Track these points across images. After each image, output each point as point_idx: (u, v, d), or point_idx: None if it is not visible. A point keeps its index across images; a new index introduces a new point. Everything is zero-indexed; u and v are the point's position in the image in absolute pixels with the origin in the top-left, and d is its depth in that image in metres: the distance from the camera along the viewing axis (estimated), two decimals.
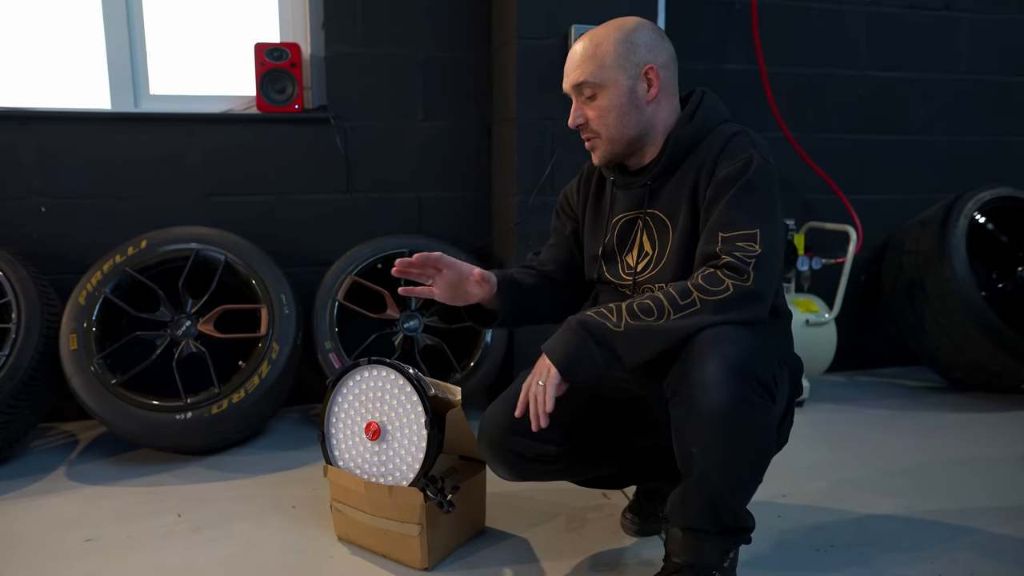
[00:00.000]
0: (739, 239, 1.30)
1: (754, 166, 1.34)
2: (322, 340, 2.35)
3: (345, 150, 2.61)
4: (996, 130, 3.20)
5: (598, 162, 1.47)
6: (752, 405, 1.23)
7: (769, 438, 1.31)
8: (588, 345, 1.27)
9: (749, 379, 1.22)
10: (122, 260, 2.24)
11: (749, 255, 1.28)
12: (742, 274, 1.27)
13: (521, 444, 1.48)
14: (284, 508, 1.86)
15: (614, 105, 1.39)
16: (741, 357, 1.21)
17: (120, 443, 2.27)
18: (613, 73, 1.38)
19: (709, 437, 1.23)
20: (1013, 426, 2.50)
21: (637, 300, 1.29)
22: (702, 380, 1.21)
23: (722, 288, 1.26)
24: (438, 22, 2.62)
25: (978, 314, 2.64)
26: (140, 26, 2.55)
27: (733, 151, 1.36)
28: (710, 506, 1.31)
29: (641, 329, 1.25)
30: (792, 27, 2.93)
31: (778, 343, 1.43)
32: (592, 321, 1.28)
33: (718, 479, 1.28)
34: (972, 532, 1.75)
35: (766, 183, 1.35)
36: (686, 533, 1.35)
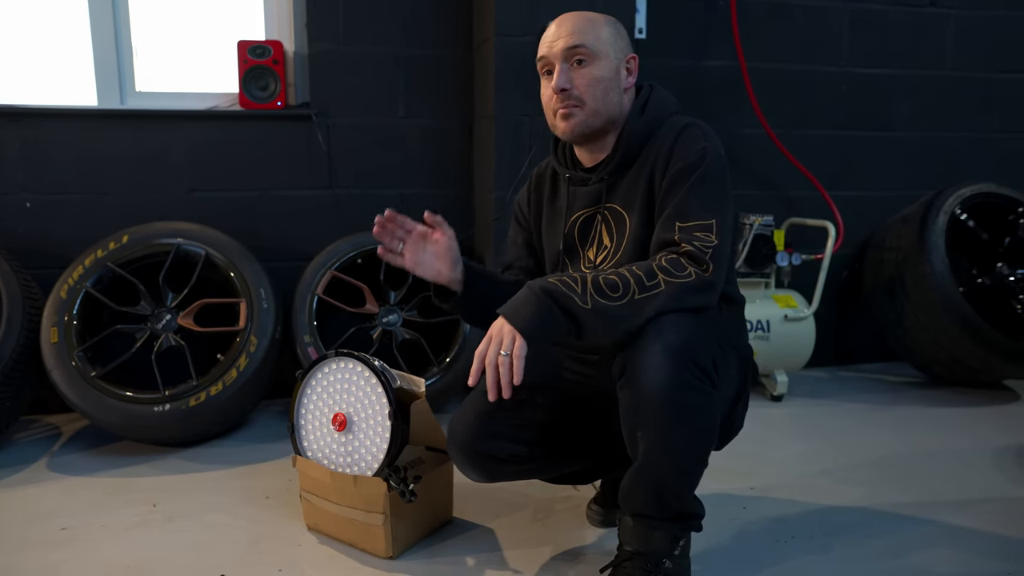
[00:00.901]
0: (696, 229, 1.32)
1: (709, 158, 1.36)
2: (301, 334, 2.38)
3: (327, 146, 2.63)
4: (980, 127, 3.20)
5: (569, 131, 1.43)
6: (690, 388, 1.25)
7: (709, 420, 1.33)
8: (554, 312, 1.26)
9: (687, 362, 1.24)
10: (104, 255, 2.28)
11: (707, 245, 1.31)
12: (701, 264, 1.30)
13: (492, 447, 1.49)
14: (258, 499, 1.90)
15: (604, 77, 1.41)
16: (681, 341, 1.24)
17: (102, 435, 2.31)
18: (607, 47, 1.41)
19: (650, 419, 1.26)
20: (990, 420, 2.51)
21: (603, 275, 1.28)
22: (643, 362, 1.24)
23: (685, 274, 1.28)
24: (420, 20, 2.64)
25: (956, 310, 2.65)
26: (126, 24, 2.58)
27: (687, 142, 1.39)
28: (655, 490, 1.33)
29: (606, 311, 1.25)
30: (775, 24, 2.94)
31: (724, 329, 1.46)
32: (557, 290, 1.27)
33: (660, 461, 1.30)
34: (933, 523, 1.77)
35: (720, 175, 1.38)
36: (636, 520, 1.38)
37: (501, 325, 1.28)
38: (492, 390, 1.27)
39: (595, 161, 1.50)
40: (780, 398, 2.70)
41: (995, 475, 2.05)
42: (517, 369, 1.24)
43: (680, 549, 1.40)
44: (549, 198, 1.59)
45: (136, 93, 2.62)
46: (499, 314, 1.30)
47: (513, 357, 1.24)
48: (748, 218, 2.71)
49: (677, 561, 1.39)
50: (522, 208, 1.65)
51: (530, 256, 1.66)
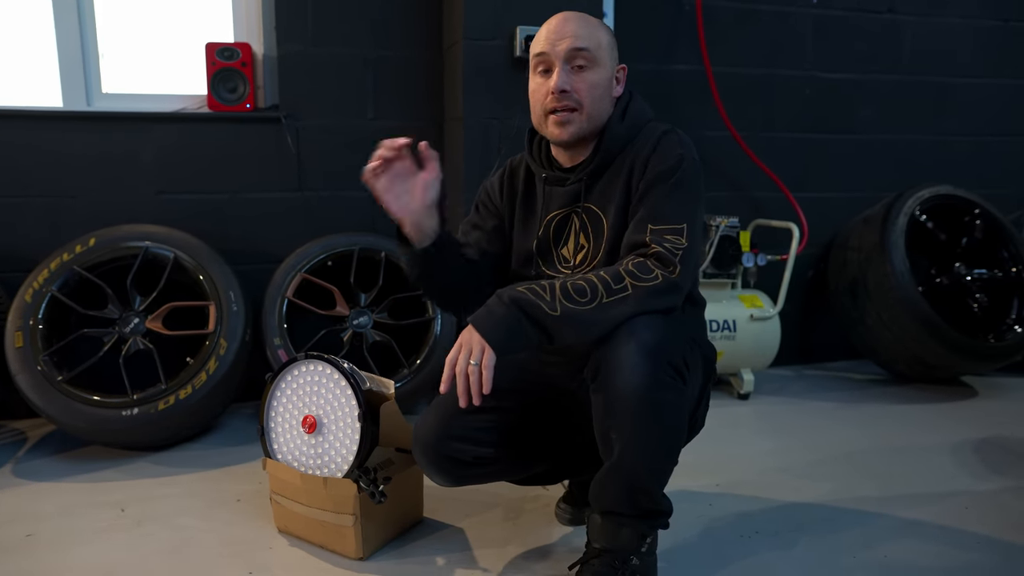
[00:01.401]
0: (667, 232, 1.36)
1: (684, 165, 1.40)
2: (271, 337, 2.38)
3: (296, 148, 2.63)
4: (937, 130, 3.29)
5: (568, 136, 1.44)
6: (664, 386, 1.28)
7: (681, 419, 1.36)
8: (522, 323, 1.28)
9: (662, 362, 1.28)
10: (70, 258, 2.25)
11: (677, 248, 1.34)
12: (668, 266, 1.33)
13: (458, 449, 1.49)
14: (228, 502, 1.89)
15: (602, 83, 1.43)
16: (654, 341, 1.27)
17: (69, 440, 2.29)
18: (606, 55, 1.44)
19: (625, 418, 1.28)
20: (950, 415, 2.59)
21: (571, 280, 1.31)
22: (618, 363, 1.27)
23: (651, 276, 1.31)
24: (389, 22, 2.65)
25: (916, 309, 2.72)
26: (92, 25, 2.55)
27: (665, 149, 1.42)
28: (627, 488, 1.36)
29: (576, 316, 1.28)
30: (741, 28, 2.99)
31: (690, 329, 1.50)
32: (525, 299, 1.28)
33: (634, 459, 1.32)
34: (896, 517, 1.82)
35: (694, 181, 1.42)
36: (605, 518, 1.40)
37: (471, 334, 1.29)
38: (462, 398, 1.29)
39: (573, 162, 1.51)
40: (747, 396, 2.75)
41: (955, 469, 2.11)
42: (486, 379, 1.26)
43: (647, 546, 1.42)
44: (523, 194, 1.59)
45: (102, 95, 2.60)
46: (469, 323, 1.32)
47: (482, 367, 1.26)
48: (714, 219, 2.75)
49: (644, 558, 1.42)
50: (492, 196, 1.63)
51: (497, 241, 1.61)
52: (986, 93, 3.32)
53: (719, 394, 2.79)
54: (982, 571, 1.57)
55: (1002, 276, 2.95)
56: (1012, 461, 2.17)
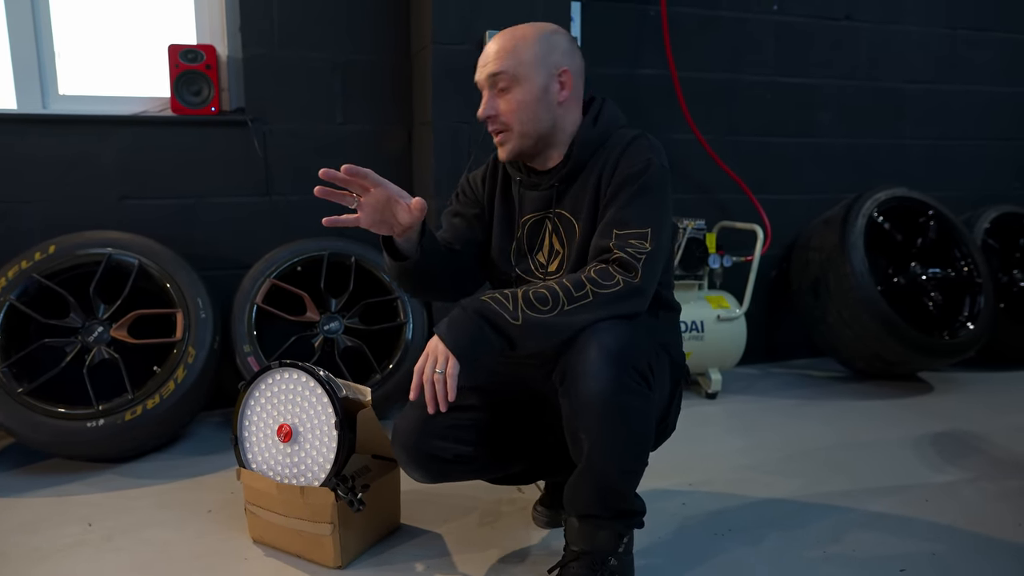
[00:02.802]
0: (632, 237, 1.38)
1: (652, 170, 1.42)
2: (240, 344, 2.34)
3: (264, 153, 2.60)
4: (893, 134, 3.39)
5: (505, 157, 1.49)
6: (629, 391, 1.31)
7: (648, 423, 1.39)
8: (485, 331, 1.31)
9: (626, 367, 1.30)
10: (29, 266, 2.19)
11: (640, 252, 1.36)
12: (630, 270, 1.35)
13: (438, 447, 1.50)
14: (200, 513, 1.86)
15: (527, 100, 1.43)
16: (619, 346, 1.30)
17: (30, 453, 2.22)
18: (530, 69, 1.43)
19: (592, 422, 1.31)
20: (909, 410, 2.68)
21: (533, 289, 1.34)
22: (583, 368, 1.29)
23: (612, 283, 1.33)
24: (356, 26, 2.64)
25: (875, 308, 2.81)
26: (47, 25, 2.48)
27: (633, 154, 1.44)
28: (599, 491, 1.38)
29: (537, 323, 1.31)
30: (705, 34, 3.05)
31: (659, 334, 1.51)
32: (488, 308, 1.31)
33: (604, 463, 1.35)
34: (861, 510, 1.88)
35: (661, 186, 1.43)
36: (581, 521, 1.42)
37: (436, 344, 1.34)
38: (430, 405, 1.35)
39: (544, 167, 1.53)
40: (715, 395, 2.80)
41: (916, 462, 2.19)
42: (451, 387, 1.32)
43: (624, 546, 1.45)
44: (502, 193, 1.61)
45: (59, 97, 2.53)
46: (434, 332, 1.35)
47: (447, 376, 1.31)
48: (682, 222, 2.80)
49: (622, 558, 1.45)
50: (475, 187, 1.64)
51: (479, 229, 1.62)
52: (939, 99, 3.44)
53: (688, 394, 2.84)
54: (944, 560, 1.62)
55: (955, 275, 3.05)
56: (967, 454, 2.25)
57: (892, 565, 1.60)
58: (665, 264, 1.51)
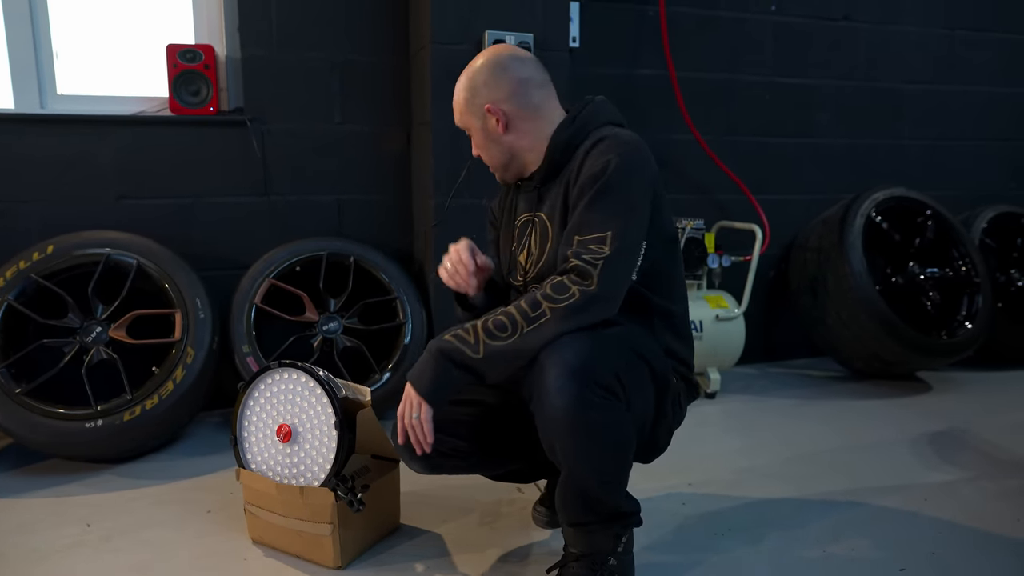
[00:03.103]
0: (591, 242, 1.35)
1: (611, 168, 1.37)
2: (239, 344, 2.34)
3: (262, 153, 2.59)
4: (891, 134, 3.40)
5: (503, 181, 1.61)
6: (592, 406, 1.28)
7: (619, 435, 1.35)
8: (450, 371, 1.33)
9: (587, 382, 1.27)
10: (27, 266, 2.18)
11: (597, 257, 1.33)
12: (586, 278, 1.32)
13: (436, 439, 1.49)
14: (199, 513, 1.86)
15: (480, 142, 1.54)
16: (579, 361, 1.27)
17: (28, 454, 2.21)
18: (469, 119, 1.52)
19: (561, 439, 1.31)
20: (907, 410, 2.68)
21: (492, 317, 1.34)
22: (545, 386, 1.28)
23: (568, 295, 1.31)
24: (355, 26, 2.63)
25: (874, 308, 2.81)
26: (45, 24, 2.48)
27: (595, 156, 1.41)
28: (584, 501, 1.38)
29: (497, 353, 1.31)
30: (703, 34, 3.05)
31: (641, 345, 1.44)
32: (450, 347, 1.33)
33: (581, 475, 1.35)
34: (860, 510, 1.88)
35: (623, 184, 1.38)
36: (574, 528, 1.43)
37: (409, 390, 1.38)
38: (417, 448, 1.41)
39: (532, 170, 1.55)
40: (713, 395, 2.80)
41: (915, 462, 2.19)
42: (427, 431, 1.37)
43: (623, 546, 1.45)
44: (508, 201, 1.65)
45: (57, 96, 2.52)
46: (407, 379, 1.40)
47: (422, 420, 1.37)
48: (681, 222, 2.80)
49: (621, 557, 1.44)
50: (494, 209, 1.71)
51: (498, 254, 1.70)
52: (937, 99, 3.45)
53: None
54: (944, 559, 1.63)
55: (953, 275, 3.06)
56: (966, 453, 2.26)
57: (892, 564, 1.61)
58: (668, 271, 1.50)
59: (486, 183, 2.48)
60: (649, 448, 1.53)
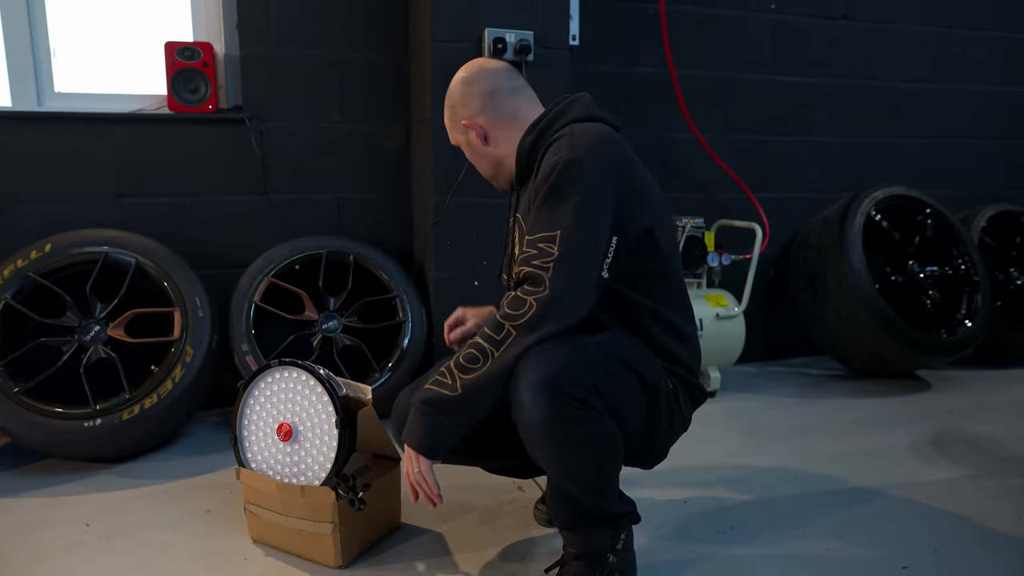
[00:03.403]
0: (540, 241, 1.32)
1: (560, 166, 1.33)
2: (239, 343, 2.33)
3: (261, 151, 2.58)
4: (890, 132, 3.40)
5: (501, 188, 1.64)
6: (566, 419, 1.26)
7: (599, 445, 1.32)
8: (436, 418, 1.33)
9: (558, 395, 1.24)
10: (25, 264, 2.17)
11: (547, 260, 1.29)
12: (539, 285, 1.29)
13: None
14: (198, 513, 1.85)
15: (470, 156, 1.60)
16: (550, 375, 1.24)
17: (26, 454, 2.20)
18: (455, 135, 1.59)
19: (541, 451, 1.31)
20: (906, 408, 2.68)
21: (464, 351, 1.32)
22: (519, 402, 1.27)
23: (525, 309, 1.28)
24: (354, 24, 2.62)
25: (874, 306, 2.81)
26: (43, 22, 2.47)
27: (549, 155, 1.39)
28: (573, 507, 1.38)
29: (474, 386, 1.29)
30: (703, 32, 3.04)
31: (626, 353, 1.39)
32: (430, 394, 1.32)
33: (566, 485, 1.35)
34: (863, 508, 1.87)
35: (572, 180, 1.33)
36: (570, 531, 1.43)
37: (407, 448, 1.38)
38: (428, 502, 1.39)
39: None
40: (714, 394, 2.80)
41: (916, 460, 2.19)
42: (430, 484, 1.36)
43: (622, 543, 1.44)
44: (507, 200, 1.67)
45: (55, 94, 2.51)
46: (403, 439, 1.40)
47: (423, 474, 1.36)
48: (681, 220, 2.80)
49: (621, 555, 1.44)
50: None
51: None
52: (936, 98, 3.45)
53: None
54: (946, 558, 1.62)
55: (952, 273, 3.06)
56: (967, 451, 2.26)
57: (895, 563, 1.60)
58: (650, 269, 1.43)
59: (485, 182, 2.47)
60: (647, 455, 1.50)
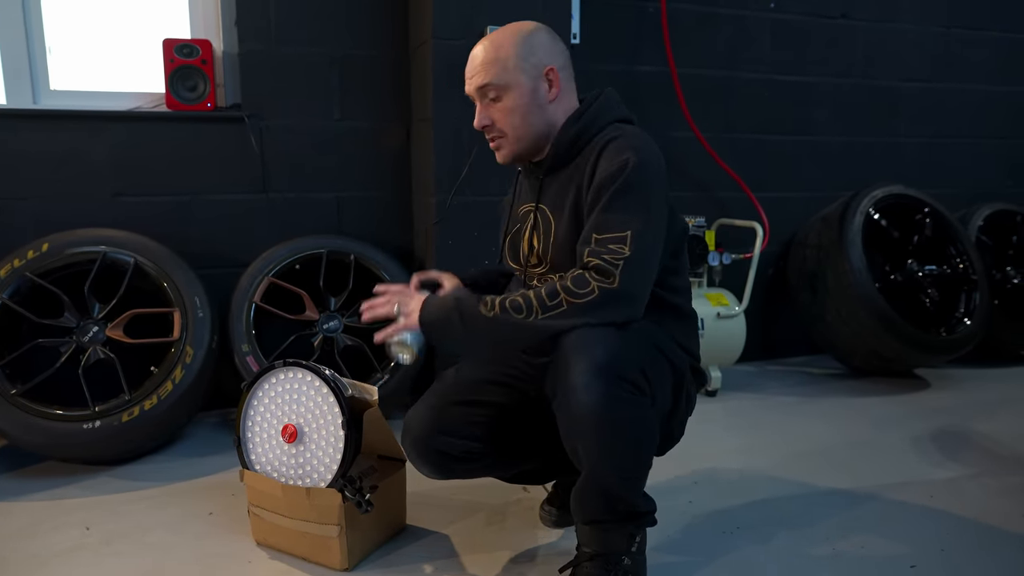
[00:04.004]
0: (611, 241, 1.32)
1: (630, 168, 1.34)
2: (239, 343, 2.31)
3: (260, 149, 2.56)
4: (888, 132, 3.40)
5: (502, 161, 1.51)
6: (621, 402, 1.27)
7: (645, 431, 1.35)
8: (453, 317, 1.35)
9: (615, 378, 1.26)
10: (21, 264, 2.14)
11: (618, 257, 1.31)
12: (608, 276, 1.30)
13: (446, 443, 1.51)
14: (201, 516, 1.83)
15: (519, 105, 1.43)
16: (607, 357, 1.26)
17: (23, 456, 2.17)
18: (516, 75, 1.42)
19: (587, 437, 1.30)
20: (906, 407, 2.68)
21: (510, 297, 1.33)
22: (572, 383, 1.26)
23: (588, 291, 1.29)
24: (354, 20, 2.60)
25: (874, 305, 2.81)
26: (38, 19, 2.43)
27: (611, 154, 1.38)
28: (604, 499, 1.37)
29: (507, 323, 1.31)
30: (703, 31, 3.04)
31: (656, 338, 1.43)
32: (467, 300, 1.36)
33: (605, 474, 1.34)
34: (867, 507, 1.87)
35: (642, 184, 1.35)
36: (590, 526, 1.41)
37: (417, 302, 1.42)
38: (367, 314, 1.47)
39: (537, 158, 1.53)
40: (714, 393, 2.80)
41: (917, 459, 2.19)
42: (394, 323, 1.43)
43: (637, 545, 1.44)
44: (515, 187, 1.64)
45: (51, 92, 2.48)
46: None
47: (402, 317, 1.42)
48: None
49: (635, 557, 1.43)
50: (508, 199, 1.69)
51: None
52: (934, 97, 3.46)
53: None
54: (953, 556, 1.62)
55: (951, 272, 3.07)
56: (967, 450, 2.26)
57: (902, 562, 1.60)
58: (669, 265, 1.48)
59: (487, 181, 2.47)
60: (665, 440, 1.52)
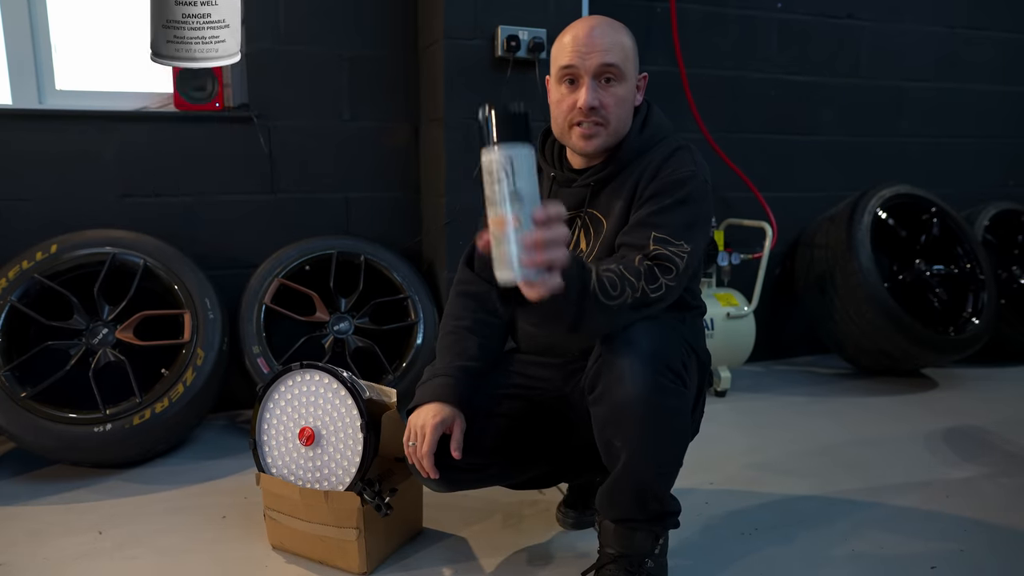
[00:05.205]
0: (671, 246, 1.32)
1: (696, 182, 1.37)
2: (249, 345, 2.29)
3: (269, 149, 2.55)
4: (894, 131, 3.41)
5: (593, 149, 1.44)
6: (666, 391, 1.28)
7: (685, 422, 1.37)
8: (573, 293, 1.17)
9: (661, 367, 1.28)
10: (30, 266, 2.12)
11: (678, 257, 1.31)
12: (668, 274, 1.30)
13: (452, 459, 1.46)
14: (214, 519, 1.81)
15: (628, 97, 1.42)
16: (653, 347, 1.28)
17: (33, 459, 2.14)
18: (630, 68, 1.42)
19: (630, 426, 1.28)
20: (916, 406, 2.68)
21: (603, 267, 1.24)
22: (620, 372, 1.26)
23: (656, 285, 1.28)
24: (363, 20, 2.59)
25: (882, 305, 2.81)
26: (44, 18, 2.42)
27: (677, 162, 1.40)
28: (637, 495, 1.36)
29: (607, 308, 1.21)
30: (710, 31, 3.03)
31: (685, 334, 1.46)
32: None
33: (642, 466, 1.33)
34: (883, 507, 1.87)
35: (702, 201, 1.38)
36: (618, 524, 1.40)
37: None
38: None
39: (585, 165, 1.49)
40: (724, 393, 2.79)
41: (930, 458, 2.19)
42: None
43: (660, 548, 1.44)
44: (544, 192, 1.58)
45: (56, 92, 2.46)
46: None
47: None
48: None
49: (658, 559, 1.43)
50: None
51: None
52: (939, 97, 3.46)
53: None
54: (972, 556, 1.62)
55: (958, 272, 3.07)
56: (980, 449, 2.26)
57: (922, 562, 1.60)
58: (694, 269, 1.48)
59: None
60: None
